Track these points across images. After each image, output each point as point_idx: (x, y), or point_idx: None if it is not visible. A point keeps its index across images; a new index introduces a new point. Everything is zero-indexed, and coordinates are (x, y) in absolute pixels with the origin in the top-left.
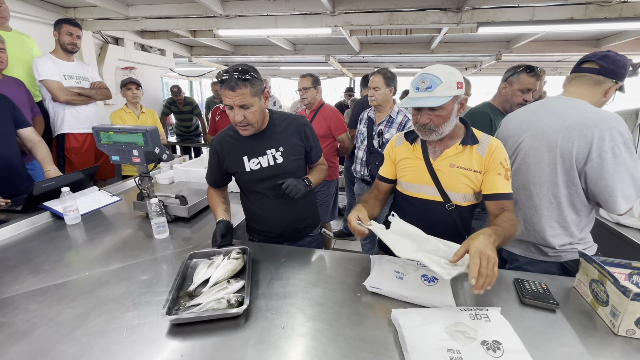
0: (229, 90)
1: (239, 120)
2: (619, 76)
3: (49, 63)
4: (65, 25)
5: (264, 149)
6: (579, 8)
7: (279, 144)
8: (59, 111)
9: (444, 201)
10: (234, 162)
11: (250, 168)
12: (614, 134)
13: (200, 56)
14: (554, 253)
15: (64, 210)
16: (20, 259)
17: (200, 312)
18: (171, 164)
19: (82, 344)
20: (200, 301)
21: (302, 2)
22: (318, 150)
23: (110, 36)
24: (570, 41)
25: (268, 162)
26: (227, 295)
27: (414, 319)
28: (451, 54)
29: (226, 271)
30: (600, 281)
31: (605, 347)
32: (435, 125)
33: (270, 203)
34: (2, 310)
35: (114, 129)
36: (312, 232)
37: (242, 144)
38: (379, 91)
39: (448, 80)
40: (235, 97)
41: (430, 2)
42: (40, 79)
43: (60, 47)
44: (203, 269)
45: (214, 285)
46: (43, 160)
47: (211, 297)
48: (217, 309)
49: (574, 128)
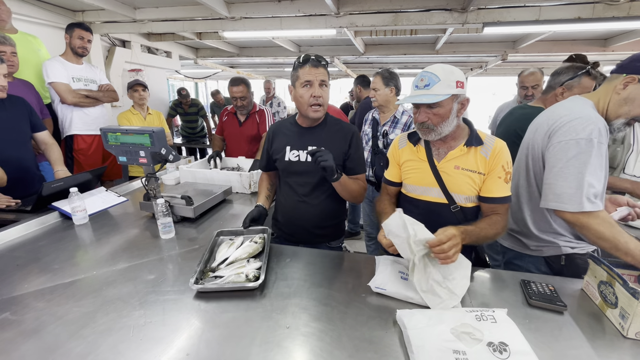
0: (313, 68)
1: (317, 95)
2: (630, 69)
3: (58, 66)
4: (77, 30)
5: (307, 144)
6: (587, 7)
7: (322, 143)
8: (67, 113)
9: (448, 203)
10: (278, 149)
11: (289, 158)
12: (570, 131)
13: (206, 58)
14: (536, 247)
15: (72, 211)
16: (29, 258)
17: (222, 283)
18: (177, 165)
19: (89, 342)
20: (223, 274)
21: (307, 3)
22: (360, 164)
23: (118, 39)
24: (578, 40)
25: (307, 158)
26: (246, 271)
27: (419, 320)
28: (456, 55)
29: (244, 253)
30: (609, 283)
31: (614, 349)
32: (434, 124)
33: (295, 198)
34: (12, 308)
35: (121, 130)
36: (331, 242)
37: (291, 134)
38: (378, 92)
39: (447, 78)
40: (318, 74)
41: (435, 3)
42: (49, 81)
43: (70, 50)
44: (225, 248)
45: (233, 263)
46: (55, 161)
47: (231, 272)
48: (236, 281)
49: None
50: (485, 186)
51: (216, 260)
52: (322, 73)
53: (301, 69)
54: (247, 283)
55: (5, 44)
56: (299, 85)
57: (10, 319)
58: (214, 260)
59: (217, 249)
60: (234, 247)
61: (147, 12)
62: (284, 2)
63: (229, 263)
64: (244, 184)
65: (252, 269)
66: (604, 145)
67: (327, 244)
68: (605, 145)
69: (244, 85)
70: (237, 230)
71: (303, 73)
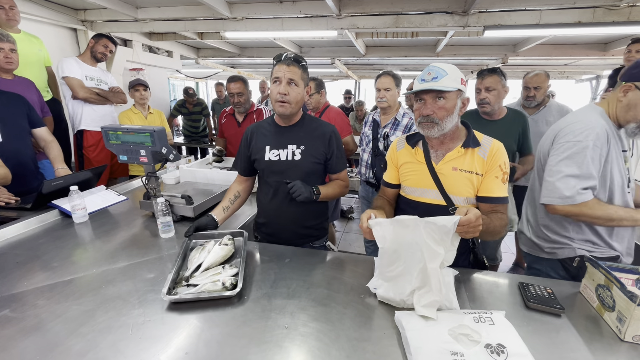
0: (284, 65)
1: (282, 92)
2: (627, 77)
3: (74, 63)
4: (104, 39)
5: (286, 143)
6: (587, 12)
7: (301, 142)
8: (77, 109)
9: (447, 205)
10: (257, 149)
11: (269, 158)
12: (568, 133)
13: (207, 58)
14: (550, 249)
15: (72, 209)
16: (29, 255)
17: (197, 293)
18: (177, 164)
19: (89, 340)
20: (197, 282)
21: (309, 4)
22: (340, 162)
23: (119, 38)
24: (578, 45)
25: (287, 157)
26: (222, 278)
27: (417, 321)
28: (457, 57)
29: (217, 257)
30: (607, 286)
31: (612, 353)
32: (438, 118)
33: (278, 198)
34: (11, 305)
35: (122, 129)
36: (315, 242)
37: (270, 134)
38: (390, 92)
39: (454, 74)
40: (286, 72)
41: (436, 5)
42: (63, 75)
43: (90, 53)
44: (196, 255)
45: (207, 270)
46: (55, 159)
47: (207, 280)
48: (212, 290)
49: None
50: (483, 186)
51: (189, 268)
52: (292, 72)
53: (275, 66)
54: (223, 292)
55: (3, 41)
56: (271, 82)
57: (9, 316)
58: (187, 268)
59: (189, 254)
60: (205, 251)
61: (149, 11)
62: (285, 3)
63: (204, 270)
64: None
65: (229, 275)
66: (600, 148)
67: (311, 244)
68: (605, 148)
69: (241, 82)
70: (208, 234)
71: (275, 70)
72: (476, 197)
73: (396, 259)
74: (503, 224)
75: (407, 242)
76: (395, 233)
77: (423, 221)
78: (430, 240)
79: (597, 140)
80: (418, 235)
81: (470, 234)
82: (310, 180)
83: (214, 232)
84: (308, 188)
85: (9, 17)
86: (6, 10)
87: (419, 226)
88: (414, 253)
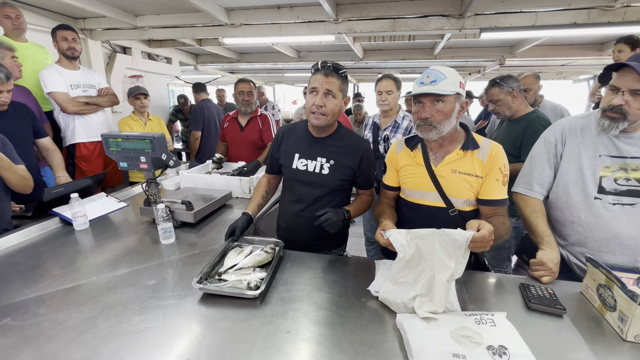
0: (323, 76)
1: (318, 104)
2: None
3: (55, 74)
4: (58, 32)
5: (316, 155)
6: (582, 13)
7: (332, 156)
8: (69, 122)
9: (446, 207)
10: (286, 155)
11: (297, 167)
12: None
13: (206, 64)
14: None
15: (73, 216)
16: (30, 263)
17: (222, 287)
18: (177, 170)
19: (90, 348)
20: (227, 278)
21: (306, 10)
22: (369, 180)
23: (119, 45)
24: (575, 45)
25: (314, 169)
26: (249, 278)
27: (418, 324)
28: (455, 59)
29: (253, 261)
30: (608, 286)
31: (614, 352)
32: (437, 122)
33: (299, 207)
34: (12, 313)
35: (122, 136)
36: (333, 250)
37: (301, 141)
38: (392, 95)
39: (452, 77)
40: (324, 82)
41: (432, 9)
42: (47, 91)
43: (62, 55)
44: (234, 255)
45: (240, 270)
46: (56, 167)
47: (235, 278)
48: (236, 287)
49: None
50: (484, 188)
51: (224, 265)
52: (330, 82)
53: (313, 75)
54: (246, 291)
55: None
56: (308, 91)
57: (10, 324)
58: (222, 265)
59: (228, 254)
60: (242, 254)
61: (147, 19)
62: (283, 8)
63: (237, 269)
64: (244, 189)
65: (256, 278)
66: (560, 145)
67: (329, 251)
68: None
69: (252, 83)
70: (248, 239)
71: (312, 80)
72: (477, 200)
73: (410, 267)
74: (506, 229)
75: (422, 253)
76: (414, 243)
77: (438, 232)
78: (443, 252)
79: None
80: (432, 247)
81: (481, 249)
82: (335, 197)
83: (254, 238)
84: (340, 216)
85: (16, 26)
86: (12, 20)
87: (434, 237)
88: (427, 262)
